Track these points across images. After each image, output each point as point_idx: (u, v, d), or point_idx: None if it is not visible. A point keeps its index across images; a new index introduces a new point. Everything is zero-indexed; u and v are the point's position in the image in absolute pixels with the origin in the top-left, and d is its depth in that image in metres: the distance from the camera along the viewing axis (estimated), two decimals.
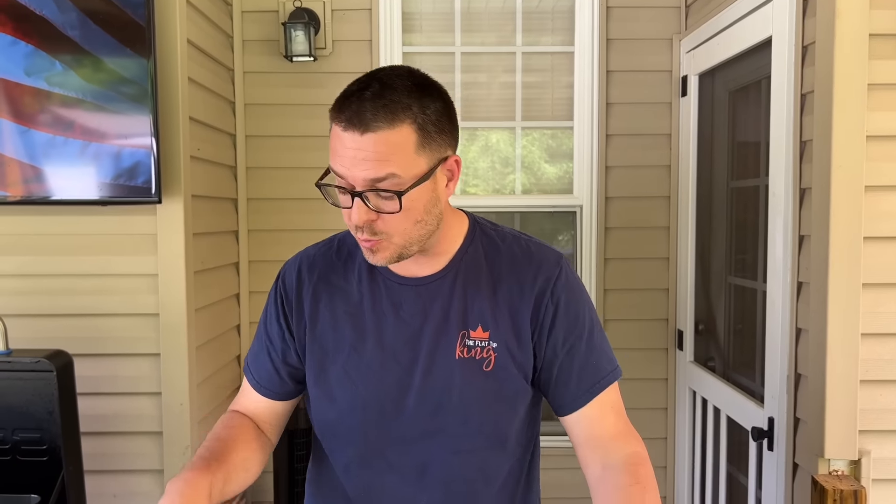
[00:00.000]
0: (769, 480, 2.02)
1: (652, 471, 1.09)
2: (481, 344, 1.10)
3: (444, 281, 1.13)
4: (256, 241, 2.78)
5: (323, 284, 1.16)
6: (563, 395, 1.12)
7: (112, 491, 2.14)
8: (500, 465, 1.15)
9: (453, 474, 1.13)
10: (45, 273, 2.13)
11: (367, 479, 1.15)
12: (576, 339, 1.12)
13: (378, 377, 1.11)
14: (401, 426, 1.11)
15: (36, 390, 1.76)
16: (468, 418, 1.11)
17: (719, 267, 2.66)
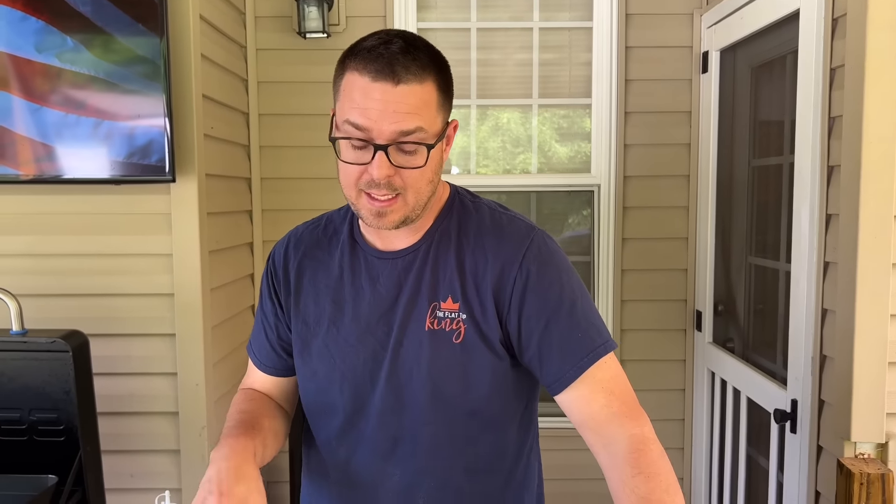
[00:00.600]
0: (791, 463, 1.99)
1: (657, 453, 1.02)
2: (451, 315, 1.08)
3: (419, 252, 1.12)
4: (270, 220, 2.76)
5: (308, 260, 1.18)
6: (549, 372, 1.07)
7: (129, 471, 2.14)
8: (477, 440, 1.13)
9: (425, 448, 1.12)
10: (59, 253, 2.11)
11: (344, 453, 1.15)
12: (552, 313, 1.07)
13: (354, 351, 1.12)
14: (374, 399, 1.11)
15: (52, 370, 1.75)
16: (438, 391, 1.10)
17: (739, 247, 2.61)
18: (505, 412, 1.15)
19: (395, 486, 1.13)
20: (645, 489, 1.00)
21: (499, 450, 1.16)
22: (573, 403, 1.07)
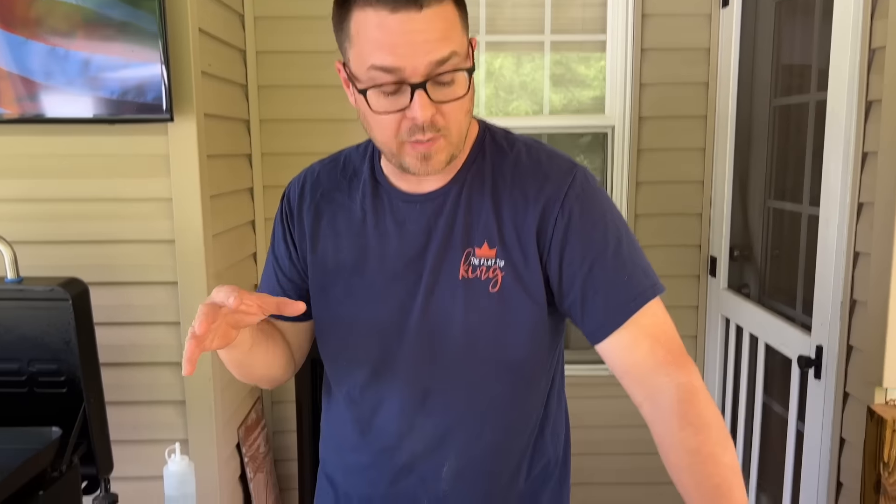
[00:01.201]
0: (814, 410, 1.95)
1: (706, 403, 0.95)
2: (487, 263, 1.01)
3: (450, 195, 1.03)
4: (270, 165, 2.65)
5: (325, 203, 1.10)
6: (591, 319, 1.00)
7: (133, 422, 2.07)
8: (510, 391, 1.07)
9: (456, 401, 1.06)
10: (52, 197, 2.00)
11: (369, 406, 1.09)
12: (597, 255, 0.99)
13: (380, 299, 1.05)
14: (403, 351, 1.05)
15: (50, 320, 1.66)
16: (472, 344, 1.03)
17: (758, 190, 2.53)
18: (539, 361, 1.08)
19: (423, 440, 1.07)
20: (695, 442, 0.93)
21: (531, 400, 1.10)
22: (615, 352, 1.00)
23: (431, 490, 1.08)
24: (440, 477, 1.07)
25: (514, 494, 1.10)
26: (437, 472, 1.07)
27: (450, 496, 1.08)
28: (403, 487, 1.09)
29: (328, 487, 1.19)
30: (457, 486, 1.07)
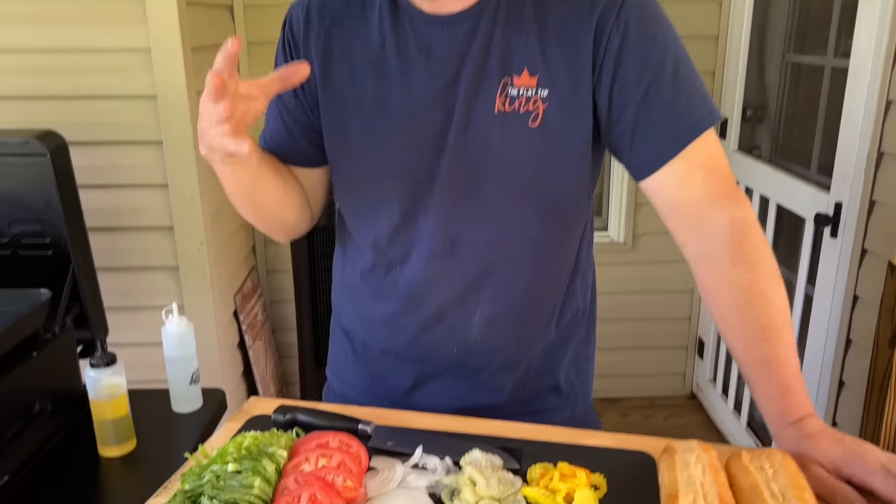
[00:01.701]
0: (827, 269, 1.90)
1: (759, 239, 0.89)
2: (527, 93, 0.89)
3: (484, 14, 0.90)
4: (254, 18, 2.45)
5: (336, 29, 0.96)
6: (642, 150, 0.90)
7: (126, 289, 2.01)
8: (547, 238, 0.99)
9: (492, 247, 0.97)
10: (19, 47, 1.83)
11: (398, 254, 1.00)
12: (653, 78, 0.88)
13: (407, 135, 0.93)
14: (433, 193, 0.95)
15: (29, 177, 1.54)
16: (510, 185, 0.93)
17: (777, 44, 2.38)
18: (577, 202, 1.00)
19: (454, 288, 0.99)
20: (746, 280, 0.87)
21: (567, 244, 1.02)
22: (665, 185, 0.91)
23: (461, 339, 1.02)
24: (470, 325, 1.01)
25: (543, 342, 1.05)
26: (467, 321, 1.00)
27: (480, 344, 1.02)
28: (431, 338, 1.02)
29: (344, 340, 1.13)
30: (487, 335, 1.01)
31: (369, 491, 0.81)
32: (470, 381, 1.04)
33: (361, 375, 1.11)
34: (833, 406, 1.86)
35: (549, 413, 1.07)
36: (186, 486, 0.79)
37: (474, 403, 1.03)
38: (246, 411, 1.01)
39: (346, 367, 1.13)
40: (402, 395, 1.07)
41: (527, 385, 1.05)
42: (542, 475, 0.82)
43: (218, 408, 1.55)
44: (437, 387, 1.05)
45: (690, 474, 0.75)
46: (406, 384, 1.07)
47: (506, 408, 1.04)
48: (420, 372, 1.05)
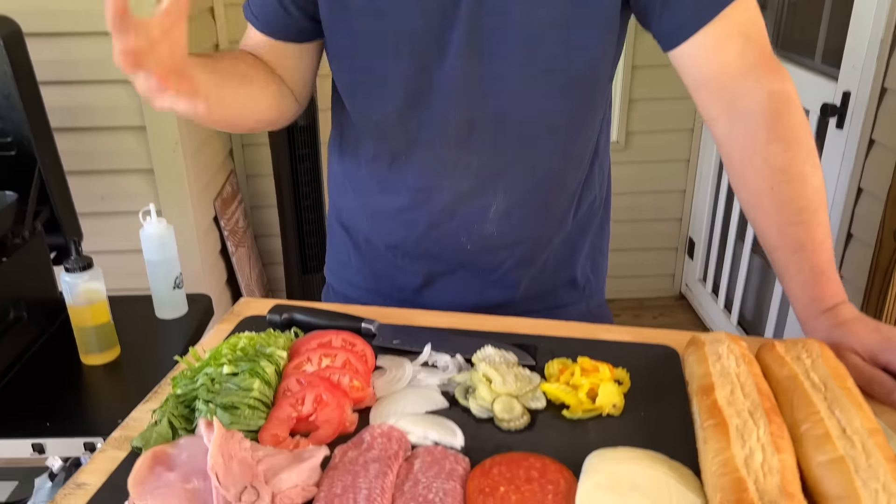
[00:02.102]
0: (831, 162, 1.84)
1: (799, 115, 0.81)
2: None
3: None
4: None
5: None
6: (675, 14, 0.81)
7: (99, 192, 1.90)
8: (571, 117, 0.90)
9: (511, 130, 0.88)
10: None
11: (404, 139, 0.90)
12: None
13: (413, 5, 0.82)
14: (443, 69, 0.84)
15: None
16: (531, 59, 0.83)
17: None
18: (602, 78, 0.91)
19: (469, 177, 0.90)
20: (783, 159, 0.80)
21: (590, 123, 0.93)
22: (698, 55, 0.82)
23: (475, 233, 0.94)
24: (486, 218, 0.92)
25: (561, 233, 0.98)
26: (482, 214, 0.92)
27: (495, 238, 0.94)
28: (442, 233, 0.94)
29: (344, 237, 1.05)
30: (504, 228, 0.93)
31: (378, 391, 0.76)
32: (483, 277, 0.97)
33: (365, 275, 1.04)
34: None
35: (565, 309, 1.01)
36: (178, 391, 0.73)
37: (487, 301, 0.97)
38: (237, 313, 0.94)
39: (348, 267, 1.05)
40: (410, 295, 1.00)
41: (543, 280, 0.99)
42: (561, 371, 0.77)
43: (204, 313, 1.49)
44: (448, 285, 0.99)
45: (724, 366, 0.70)
46: (414, 283, 1.00)
47: (520, 304, 0.98)
48: (430, 270, 0.98)
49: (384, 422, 0.71)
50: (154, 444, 0.67)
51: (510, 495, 0.60)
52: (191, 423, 0.70)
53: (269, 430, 0.69)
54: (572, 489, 0.61)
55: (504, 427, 0.70)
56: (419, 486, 0.62)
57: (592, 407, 0.72)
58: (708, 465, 0.60)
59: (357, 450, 0.66)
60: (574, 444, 0.68)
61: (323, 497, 0.61)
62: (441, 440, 0.69)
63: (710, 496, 0.58)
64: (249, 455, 0.63)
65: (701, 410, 0.66)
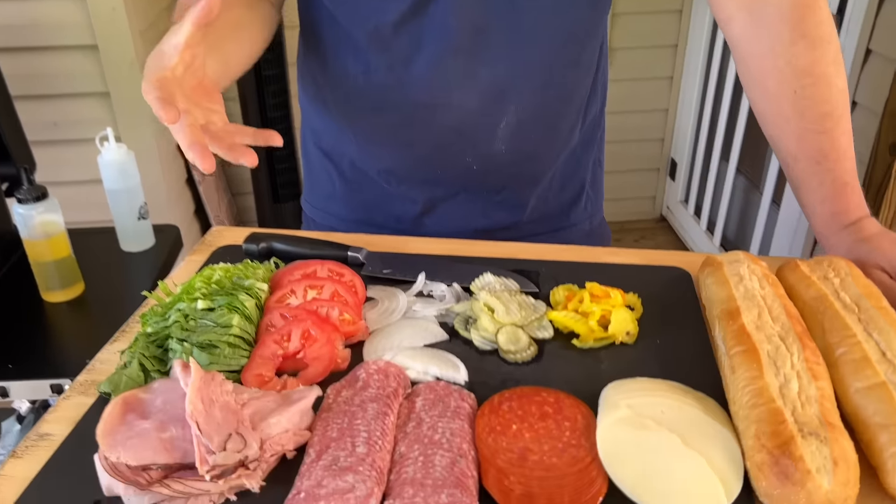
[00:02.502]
0: None
1: (827, 13, 0.74)
2: None
3: None
4: None
5: None
6: None
7: (51, 118, 1.77)
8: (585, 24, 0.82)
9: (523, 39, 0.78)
10: None
11: (405, 48, 0.79)
12: None
13: None
14: None
15: None
16: None
17: None
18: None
19: (478, 92, 0.80)
20: (807, 59, 0.73)
21: (599, 30, 0.85)
22: None
23: (482, 152, 0.85)
24: (495, 136, 0.83)
25: (568, 147, 0.91)
26: (491, 131, 0.83)
27: (504, 156, 0.85)
28: (446, 153, 0.85)
29: (326, 164, 0.94)
30: (513, 145, 0.85)
31: (370, 324, 0.69)
32: (488, 199, 0.89)
33: (354, 205, 0.94)
34: None
35: (569, 230, 0.95)
36: (149, 329, 0.65)
37: (492, 225, 0.90)
38: (209, 243, 0.86)
39: (333, 197, 0.96)
40: (408, 225, 0.91)
41: (549, 199, 0.92)
42: (568, 298, 0.71)
43: (173, 245, 1.40)
44: (449, 211, 0.90)
45: (747, 288, 0.64)
46: (412, 211, 0.91)
47: (526, 227, 0.91)
48: (430, 195, 0.89)
49: (379, 357, 0.65)
50: (124, 388, 0.60)
51: (523, 433, 0.55)
52: (164, 365, 0.63)
53: (252, 370, 0.62)
54: (591, 425, 0.56)
55: (510, 359, 0.65)
56: (423, 427, 0.56)
57: (604, 335, 0.66)
58: (738, 395, 0.55)
59: (352, 389, 0.60)
60: (586, 375, 0.63)
61: (317, 442, 0.55)
62: (443, 375, 0.63)
63: (743, 429, 0.53)
64: (232, 399, 0.56)
65: (726, 337, 0.61)
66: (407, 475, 0.52)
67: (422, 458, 0.53)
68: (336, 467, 0.52)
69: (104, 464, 0.52)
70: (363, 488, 0.50)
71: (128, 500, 0.52)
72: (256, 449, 0.53)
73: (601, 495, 0.50)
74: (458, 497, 0.50)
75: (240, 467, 0.52)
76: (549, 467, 0.52)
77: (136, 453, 0.52)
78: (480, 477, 0.53)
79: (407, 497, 0.50)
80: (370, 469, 0.52)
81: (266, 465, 0.54)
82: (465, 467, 0.52)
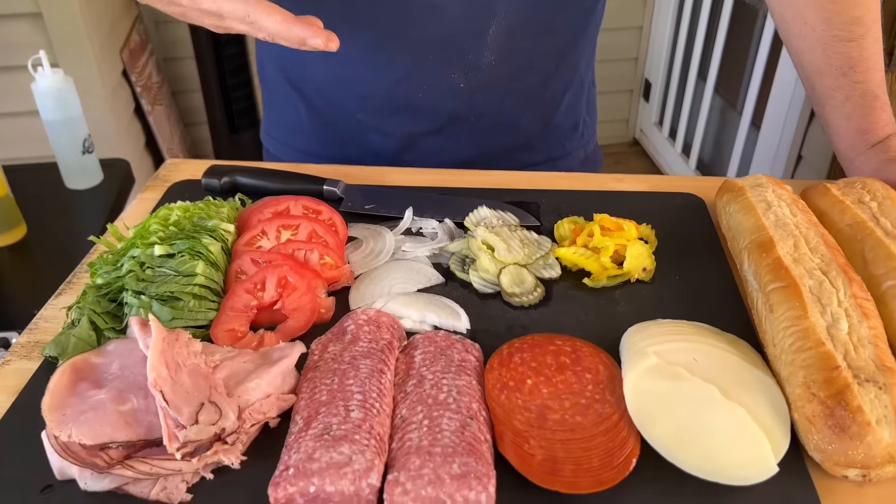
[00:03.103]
0: None
1: None
2: None
3: None
4: None
5: None
6: None
7: None
8: None
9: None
10: None
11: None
12: None
13: None
14: None
15: None
16: None
17: None
18: None
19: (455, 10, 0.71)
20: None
21: None
22: None
23: (470, 64, 0.75)
24: (484, 44, 0.73)
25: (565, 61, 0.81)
26: (479, 40, 0.73)
27: (494, 67, 0.75)
28: (429, 70, 0.75)
29: (290, 93, 0.83)
30: (504, 54, 0.75)
31: (355, 268, 0.61)
32: (476, 125, 0.80)
33: (323, 140, 0.84)
34: (801, 137, 1.75)
35: (566, 158, 0.87)
36: (99, 280, 0.57)
37: (478, 154, 0.81)
38: (164, 178, 0.76)
39: (299, 130, 0.85)
40: (386, 162, 0.81)
41: (544, 124, 0.83)
42: (575, 232, 0.64)
43: (123, 181, 1.29)
44: (434, 144, 0.80)
45: (777, 215, 0.58)
46: (390, 145, 0.81)
47: (516, 157, 0.83)
48: (410, 128, 0.80)
49: (368, 306, 0.57)
50: (73, 352, 0.52)
51: (540, 389, 0.49)
52: (119, 323, 0.54)
53: (223, 324, 0.54)
54: (615, 376, 0.49)
55: (514, 303, 0.58)
56: (425, 385, 0.49)
57: (619, 273, 0.60)
58: (779, 337, 0.49)
59: (339, 343, 0.53)
60: (602, 319, 0.56)
61: (304, 407, 0.48)
62: (442, 324, 0.56)
63: (787, 376, 0.47)
64: (202, 361, 0.49)
65: (759, 271, 0.54)
66: (411, 443, 0.45)
67: (427, 422, 0.46)
68: (329, 436, 0.45)
69: (54, 443, 0.44)
70: (362, 460, 0.43)
71: (84, 483, 0.45)
72: (234, 419, 0.46)
73: (634, 457, 0.44)
74: (473, 465, 0.43)
75: (216, 442, 0.45)
76: (574, 427, 0.46)
77: (91, 430, 0.44)
78: (495, 441, 0.46)
79: (413, 469, 0.43)
80: (368, 437, 0.45)
81: (246, 437, 0.47)
82: (476, 430, 0.46)
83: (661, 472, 0.44)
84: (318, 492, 0.42)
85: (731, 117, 2.17)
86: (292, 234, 0.61)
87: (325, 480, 0.42)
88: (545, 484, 0.43)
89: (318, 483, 0.42)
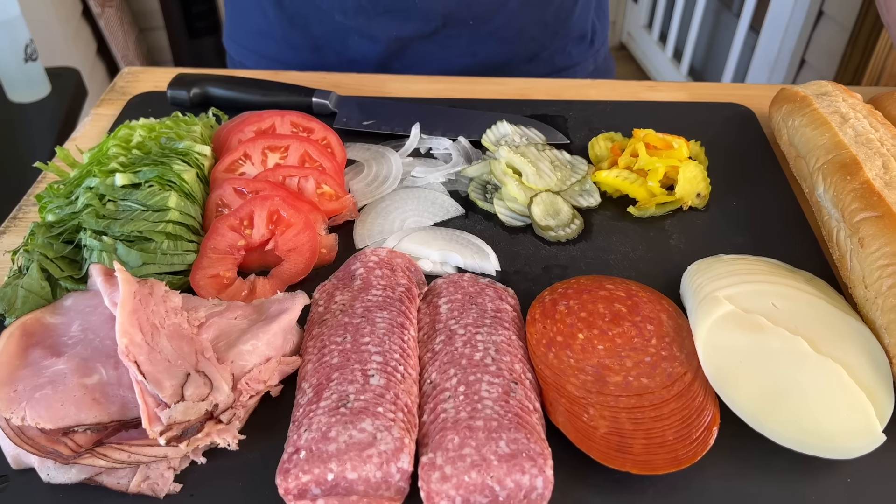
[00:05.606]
0: None
1: None
2: None
3: None
4: None
5: None
6: None
7: None
8: None
9: None
10: None
11: None
12: None
13: None
14: None
15: None
16: None
17: None
18: None
19: None
20: None
21: None
22: None
23: None
24: None
25: None
26: None
27: None
28: None
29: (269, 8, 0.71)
30: None
31: (358, 197, 0.52)
32: (474, 32, 0.69)
33: (295, 45, 0.72)
34: (807, 37, 1.64)
35: (574, 70, 0.76)
36: (50, 217, 0.46)
37: (476, 63, 0.70)
38: (121, 89, 0.65)
39: (267, 35, 0.73)
40: (370, 71, 0.70)
41: (549, 32, 0.71)
42: (614, 152, 0.55)
43: (75, 93, 1.15)
44: (424, 49, 0.69)
45: (857, 130, 0.49)
46: (374, 51, 0.70)
47: (519, 67, 0.72)
48: (398, 31, 0.68)
49: (378, 244, 0.48)
50: (23, 308, 0.42)
51: (594, 344, 0.41)
52: (78, 270, 0.45)
53: (205, 269, 0.45)
54: (681, 326, 0.42)
55: (550, 237, 0.49)
56: (456, 342, 0.41)
57: (669, 199, 0.51)
58: (874, 277, 0.42)
59: (348, 291, 0.44)
60: (654, 255, 0.48)
61: (313, 372, 0.39)
62: (467, 265, 0.47)
63: (886, 323, 0.40)
64: (184, 320, 0.40)
65: (842, 197, 0.46)
66: (446, 415, 0.37)
67: (463, 389, 0.38)
68: (346, 409, 0.37)
69: (5, 427, 0.36)
70: (389, 439, 0.35)
71: (47, 475, 0.36)
72: (228, 391, 0.37)
73: (715, 426, 0.37)
74: (524, 443, 0.35)
75: (208, 421, 0.37)
76: (640, 391, 0.38)
77: (50, 410, 0.36)
78: (545, 409, 0.38)
79: (452, 448, 0.35)
80: (394, 409, 0.37)
81: (244, 412, 0.38)
82: (523, 398, 0.38)
83: (745, 441, 0.37)
84: (337, 479, 0.35)
85: (727, 20, 2.05)
86: (281, 158, 0.51)
87: (346, 465, 0.34)
88: (612, 464, 0.35)
89: (336, 469, 0.34)
